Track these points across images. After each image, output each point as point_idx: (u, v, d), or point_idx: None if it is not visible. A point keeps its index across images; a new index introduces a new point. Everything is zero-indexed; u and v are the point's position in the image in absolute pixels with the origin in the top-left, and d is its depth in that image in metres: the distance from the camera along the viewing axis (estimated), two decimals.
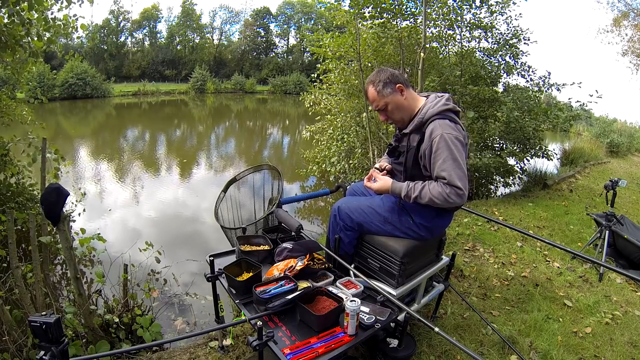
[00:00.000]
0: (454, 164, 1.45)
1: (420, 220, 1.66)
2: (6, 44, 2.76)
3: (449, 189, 1.44)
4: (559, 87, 5.16)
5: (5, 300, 1.94)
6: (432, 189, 1.48)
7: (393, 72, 1.63)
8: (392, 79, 1.60)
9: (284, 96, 34.88)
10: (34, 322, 0.92)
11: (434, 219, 1.66)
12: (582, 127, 16.41)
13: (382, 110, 1.67)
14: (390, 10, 4.48)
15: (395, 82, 1.60)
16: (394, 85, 1.60)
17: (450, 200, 1.45)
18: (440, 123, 1.51)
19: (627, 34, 13.05)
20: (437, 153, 1.48)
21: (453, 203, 1.46)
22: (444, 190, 1.45)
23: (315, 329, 1.33)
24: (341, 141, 5.77)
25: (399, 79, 1.61)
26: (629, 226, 3.26)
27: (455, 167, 1.45)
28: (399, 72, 1.66)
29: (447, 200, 1.45)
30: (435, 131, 1.49)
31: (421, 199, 1.51)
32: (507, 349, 1.98)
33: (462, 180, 1.45)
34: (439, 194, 1.46)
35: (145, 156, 9.03)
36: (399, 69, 4.92)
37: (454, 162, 1.45)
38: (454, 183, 1.44)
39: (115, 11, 38.26)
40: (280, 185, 2.38)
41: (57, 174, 3.21)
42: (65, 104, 21.13)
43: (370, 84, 1.65)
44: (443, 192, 1.45)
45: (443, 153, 1.46)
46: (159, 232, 4.50)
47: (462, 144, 1.52)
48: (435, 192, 1.47)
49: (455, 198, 1.44)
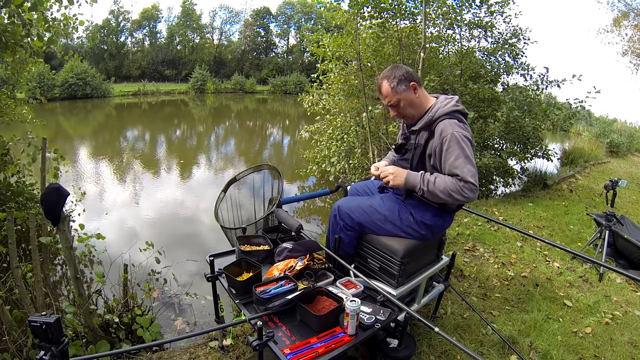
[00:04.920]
0: (465, 161, 1.48)
1: (421, 218, 1.66)
2: (6, 44, 2.75)
3: (462, 184, 1.46)
4: (558, 83, 5.10)
5: (5, 300, 1.94)
6: (448, 180, 1.50)
7: (408, 69, 1.65)
8: (407, 77, 1.62)
9: (284, 96, 34.85)
10: (34, 322, 0.92)
11: (435, 217, 1.67)
12: (582, 127, 16.42)
13: (393, 106, 1.68)
14: (390, 10, 4.48)
15: (410, 79, 1.62)
16: (408, 83, 1.62)
17: (465, 194, 1.46)
18: (450, 122, 1.53)
19: (627, 34, 13.04)
20: (449, 151, 1.50)
21: (467, 197, 1.47)
22: (457, 184, 1.47)
23: (315, 329, 1.33)
24: (341, 141, 5.76)
25: (413, 77, 1.63)
26: (629, 226, 3.26)
27: (467, 163, 1.48)
28: (412, 70, 1.68)
29: (461, 193, 1.46)
30: (446, 130, 1.52)
31: (436, 186, 1.50)
32: (507, 349, 1.98)
33: (474, 177, 1.47)
34: (454, 185, 1.47)
35: (145, 156, 9.03)
36: None
37: (466, 159, 1.48)
38: (466, 179, 1.46)
39: (115, 11, 38.24)
40: (280, 185, 2.38)
41: (57, 173, 3.21)
42: (65, 104, 21.11)
43: (385, 79, 1.65)
44: (457, 185, 1.47)
45: (455, 150, 1.49)
46: (158, 232, 4.50)
47: (471, 142, 1.55)
48: (450, 184, 1.48)
49: (469, 192, 1.46)
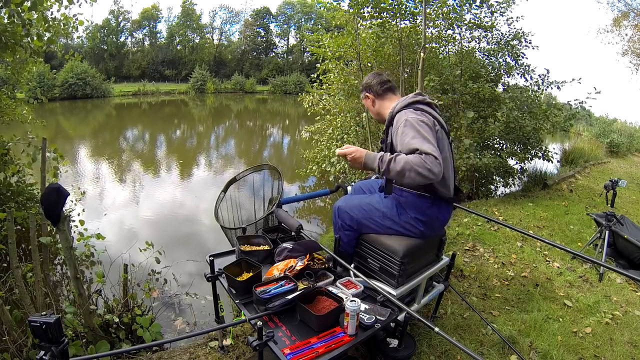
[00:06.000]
0: (423, 140, 1.45)
1: (416, 214, 1.67)
2: (6, 44, 2.75)
3: (424, 155, 1.40)
4: (558, 84, 5.11)
5: (5, 300, 1.93)
6: (409, 156, 1.43)
7: (370, 81, 1.84)
8: (364, 87, 1.86)
9: (284, 96, 34.84)
10: (34, 322, 0.92)
11: (429, 209, 1.67)
12: (582, 127, 16.40)
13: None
14: (390, 10, 4.48)
15: (367, 89, 1.85)
16: (363, 92, 1.88)
17: (428, 165, 1.38)
18: (405, 111, 1.61)
19: (627, 34, 13.04)
20: (404, 133, 1.51)
21: (431, 170, 1.38)
22: (419, 157, 1.40)
23: (315, 329, 1.33)
24: (341, 141, 5.75)
25: (371, 89, 1.83)
26: (629, 226, 3.26)
27: (425, 142, 1.44)
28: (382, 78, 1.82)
29: (424, 165, 1.38)
30: (400, 119, 1.59)
31: (397, 162, 1.43)
32: (507, 349, 1.98)
33: (436, 152, 1.41)
34: (415, 157, 1.40)
35: (145, 156, 9.03)
36: (399, 68, 4.92)
37: (424, 139, 1.46)
38: (426, 152, 1.40)
39: (115, 11, 38.25)
40: (280, 185, 2.38)
41: (57, 173, 3.20)
42: (65, 104, 21.11)
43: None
44: (418, 157, 1.40)
45: (410, 132, 1.50)
46: (158, 232, 4.49)
47: (429, 127, 1.53)
48: (411, 157, 1.41)
49: (432, 165, 1.38)
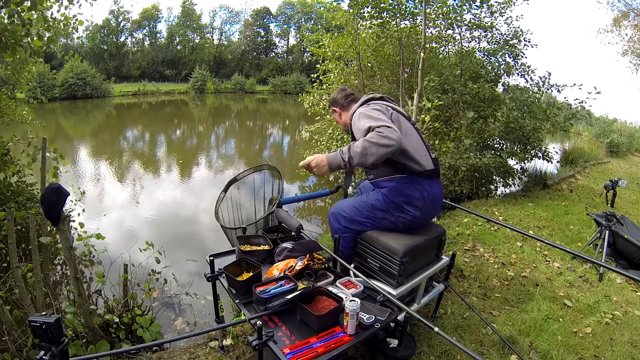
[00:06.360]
0: (374, 119, 1.57)
1: (400, 197, 1.71)
2: (6, 44, 2.75)
3: (377, 128, 1.49)
4: (559, 88, 5.12)
5: (5, 300, 1.94)
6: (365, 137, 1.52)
7: (336, 96, 2.01)
8: (331, 102, 2.04)
9: (284, 96, 34.82)
10: (34, 322, 0.92)
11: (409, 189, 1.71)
12: (582, 127, 16.38)
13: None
14: (390, 10, 4.48)
15: (334, 104, 2.02)
16: (332, 107, 2.05)
17: (382, 133, 1.46)
18: (359, 109, 1.74)
19: (627, 34, 13.06)
20: (358, 122, 1.62)
21: (388, 137, 1.46)
22: (373, 132, 1.50)
23: (315, 328, 1.33)
24: (341, 141, 5.76)
25: (337, 103, 2.00)
26: (629, 226, 3.26)
27: (376, 120, 1.56)
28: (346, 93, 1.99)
29: (379, 134, 1.47)
30: (355, 115, 1.72)
31: (355, 145, 1.51)
32: (507, 349, 1.98)
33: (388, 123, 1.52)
34: (370, 134, 1.50)
35: (145, 156, 9.02)
36: (399, 68, 4.92)
37: (375, 118, 1.58)
38: (378, 125, 1.50)
39: (115, 11, 38.19)
40: (281, 185, 2.39)
41: (57, 173, 3.20)
42: (65, 104, 21.10)
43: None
44: (373, 133, 1.49)
45: (362, 119, 1.62)
46: (158, 232, 4.49)
47: (380, 111, 1.66)
48: (367, 136, 1.51)
49: (388, 132, 1.47)
